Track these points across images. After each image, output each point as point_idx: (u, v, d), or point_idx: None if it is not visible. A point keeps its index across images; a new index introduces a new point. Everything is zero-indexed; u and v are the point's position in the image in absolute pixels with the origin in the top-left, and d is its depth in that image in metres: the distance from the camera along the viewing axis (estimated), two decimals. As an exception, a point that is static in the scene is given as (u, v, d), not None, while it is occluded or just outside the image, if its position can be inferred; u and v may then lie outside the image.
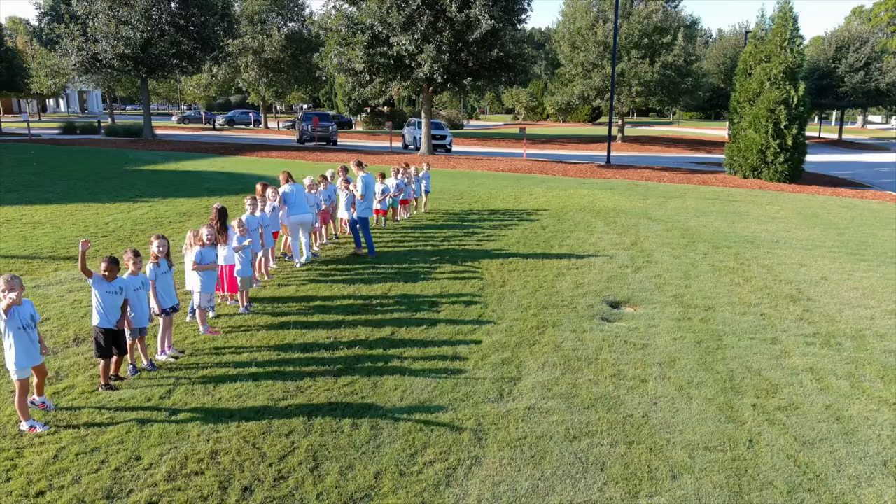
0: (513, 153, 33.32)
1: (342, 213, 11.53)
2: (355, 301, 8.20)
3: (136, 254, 5.70)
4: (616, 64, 33.79)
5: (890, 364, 6.64)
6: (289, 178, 9.88)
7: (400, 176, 13.79)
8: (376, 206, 12.79)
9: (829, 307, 8.53)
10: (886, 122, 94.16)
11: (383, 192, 12.94)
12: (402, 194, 13.82)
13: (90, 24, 26.74)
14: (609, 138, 29.65)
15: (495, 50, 24.10)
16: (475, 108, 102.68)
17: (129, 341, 5.73)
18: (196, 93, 65.54)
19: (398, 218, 13.90)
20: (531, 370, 6.21)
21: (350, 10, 25.20)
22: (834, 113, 53.90)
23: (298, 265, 9.75)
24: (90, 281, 5.38)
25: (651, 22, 36.98)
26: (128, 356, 5.78)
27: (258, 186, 9.46)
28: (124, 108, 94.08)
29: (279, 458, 4.57)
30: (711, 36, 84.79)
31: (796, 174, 23.20)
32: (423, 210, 15.01)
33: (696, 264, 10.59)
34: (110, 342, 5.53)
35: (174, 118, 63.12)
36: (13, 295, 4.56)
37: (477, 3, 22.76)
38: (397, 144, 35.57)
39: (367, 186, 10.60)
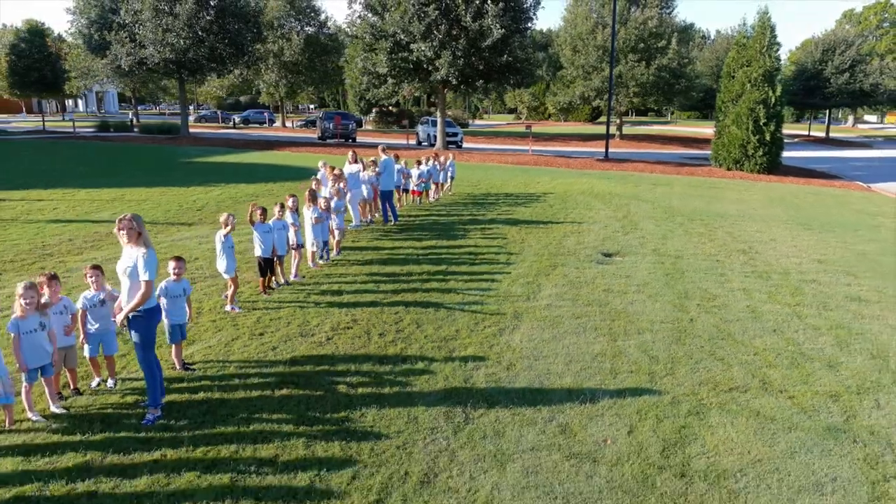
0: (518, 149, 36.09)
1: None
2: (414, 250, 10.98)
3: (264, 210, 8.36)
4: (614, 67, 36.51)
5: (801, 288, 9.41)
6: (356, 159, 12.72)
7: (431, 163, 16.58)
8: (413, 187, 15.64)
9: (770, 257, 11.32)
10: (881, 122, 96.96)
11: (419, 175, 15.74)
12: (433, 179, 16.61)
13: (138, 31, 29.57)
14: (607, 136, 32.43)
15: (505, 55, 26.88)
16: (478, 107, 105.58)
17: (276, 264, 8.53)
18: (213, 93, 68.31)
19: (431, 199, 16.68)
20: (547, 287, 9.00)
21: (373, 19, 27.97)
22: (828, 112, 56.60)
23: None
24: (253, 227, 8.12)
25: (647, 28, 39.72)
26: (278, 275, 8.59)
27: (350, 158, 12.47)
28: (139, 108, 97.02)
29: (395, 322, 7.36)
30: (709, 38, 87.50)
31: (774, 166, 25.97)
32: (448, 193, 17.78)
33: (673, 230, 13.38)
34: (266, 266, 8.32)
35: (191, 117, 65.96)
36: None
37: (489, 13, 25.54)
38: (412, 141, 38.34)
39: (386, 167, 13.37)
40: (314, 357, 6.36)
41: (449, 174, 17.66)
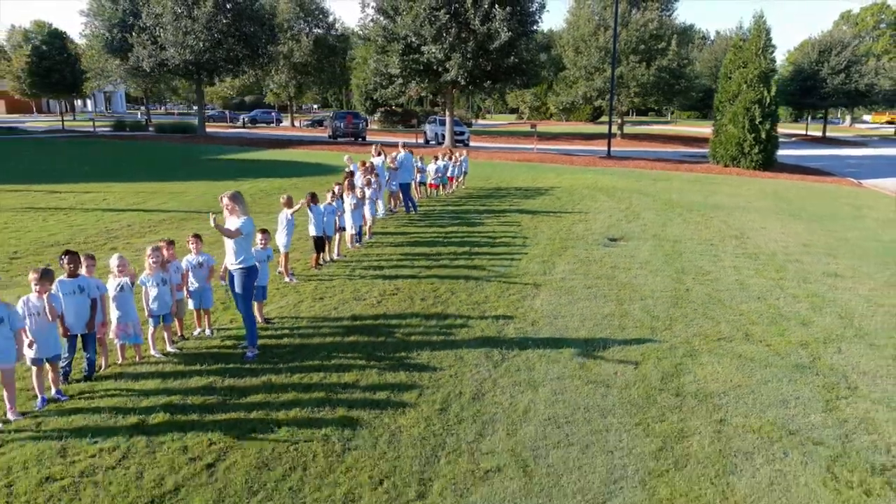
0: (523, 147, 37.29)
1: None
2: (439, 234, 12.20)
3: (314, 196, 9.58)
4: (616, 67, 37.72)
5: (785, 266, 10.62)
6: (380, 152, 13.95)
7: (446, 159, 17.81)
8: (430, 181, 16.88)
9: (759, 241, 12.53)
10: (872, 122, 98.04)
11: (436, 170, 16.96)
12: (448, 173, 17.83)
13: (159, 34, 30.82)
14: (609, 134, 33.64)
15: (512, 57, 28.10)
16: (480, 107, 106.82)
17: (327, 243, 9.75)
18: (221, 93, 69.55)
19: (446, 192, 17.89)
20: (560, 264, 10.21)
21: (385, 22, 29.20)
22: (832, 111, 58.01)
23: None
24: (310, 209, 9.34)
25: (647, 30, 40.91)
26: (324, 253, 9.82)
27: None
28: (139, 108, 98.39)
29: (432, 290, 8.58)
30: (709, 38, 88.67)
31: (769, 163, 27.16)
32: (462, 187, 19.00)
33: (672, 219, 14.60)
34: (318, 244, 9.55)
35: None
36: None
37: (497, 17, 26.76)
38: (420, 140, 39.56)
39: (403, 161, 14.55)
40: (370, 315, 7.58)
41: (462, 169, 18.88)
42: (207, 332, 6.83)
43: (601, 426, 5.14)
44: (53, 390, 5.31)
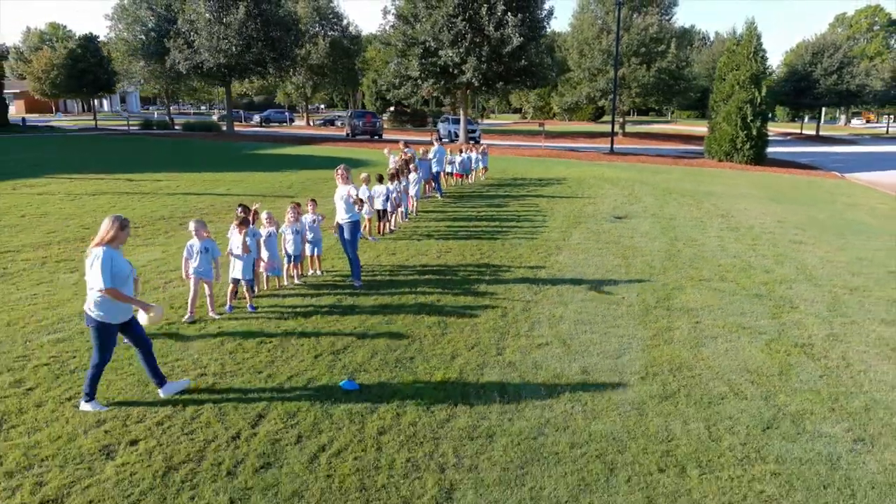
0: (531, 145, 39.63)
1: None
2: (472, 213, 14.52)
3: (381, 177, 11.92)
4: (618, 69, 40.04)
5: (760, 236, 12.94)
6: (406, 145, 16.24)
7: (469, 152, 20.14)
8: (456, 171, 19.22)
9: (742, 218, 14.86)
10: (877, 121, 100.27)
11: (461, 162, 19.30)
12: (472, 165, 20.15)
13: (194, 39, 33.22)
14: (612, 132, 35.98)
15: (522, 60, 30.45)
16: (485, 107, 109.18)
17: (391, 215, 12.09)
18: (235, 93, 71.86)
19: (470, 181, 20.22)
20: (576, 234, 12.54)
21: (404, 27, 31.54)
22: (836, 111, 60.37)
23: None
24: (370, 191, 11.67)
25: (648, 33, 43.27)
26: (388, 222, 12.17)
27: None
28: (148, 108, 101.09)
29: (476, 249, 10.91)
30: (709, 39, 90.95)
31: (760, 158, 29.49)
32: (482, 177, 21.33)
33: (669, 202, 16.93)
34: (383, 215, 11.89)
35: (215, 116, 69.76)
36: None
37: (509, 24, 29.10)
38: (434, 138, 41.88)
39: (436, 153, 16.87)
40: (434, 264, 9.93)
41: (482, 162, 21.21)
42: (318, 272, 9.17)
43: (614, 325, 7.47)
44: (249, 305, 7.57)
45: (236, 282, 7.52)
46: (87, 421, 4.90)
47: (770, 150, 31.38)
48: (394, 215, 12.70)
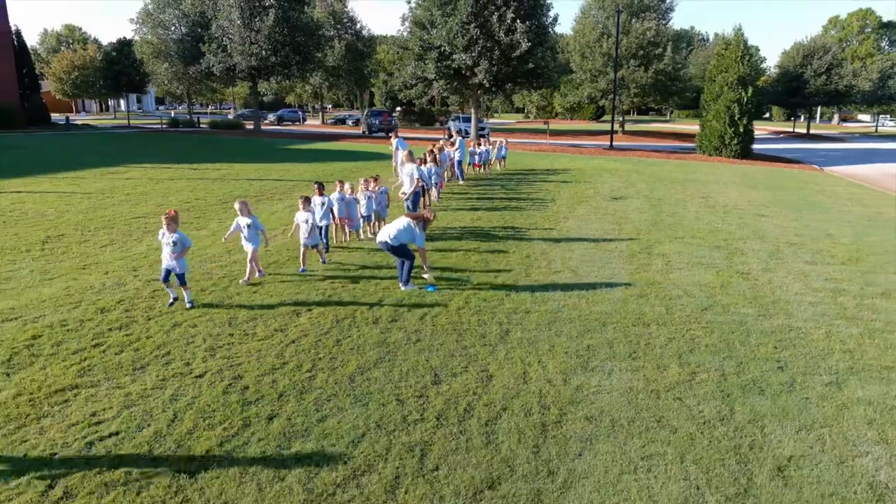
0: (535, 142, 42.45)
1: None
2: (492, 195, 17.34)
3: (423, 159, 14.73)
4: (618, 71, 42.85)
5: (731, 211, 15.73)
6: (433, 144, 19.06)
7: (488, 145, 23.00)
8: (476, 161, 22.05)
9: (718, 199, 17.67)
10: (873, 121, 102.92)
11: (480, 154, 22.14)
12: (489, 156, 22.98)
13: (226, 43, 36.13)
14: (612, 130, 38.80)
15: (530, 63, 33.27)
16: (489, 107, 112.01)
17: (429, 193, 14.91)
18: (242, 93, 74.88)
19: (487, 171, 23.05)
20: (579, 210, 15.36)
21: (422, 33, 34.37)
22: (810, 110, 62.98)
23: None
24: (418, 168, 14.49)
25: (646, 37, 46.08)
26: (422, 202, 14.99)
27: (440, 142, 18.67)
28: (158, 108, 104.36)
29: (501, 218, 13.74)
30: (708, 40, 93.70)
31: (746, 153, 32.27)
32: (499, 168, 24.16)
33: (658, 187, 19.74)
34: (421, 193, 14.71)
35: (230, 115, 72.70)
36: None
37: (518, 30, 31.92)
38: (445, 136, 44.71)
39: (460, 144, 19.69)
40: (469, 227, 12.76)
41: (501, 154, 24.07)
42: (371, 235, 11.98)
43: (608, 263, 10.28)
44: (322, 260, 10.34)
45: (305, 246, 10.19)
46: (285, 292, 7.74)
47: (761, 146, 34.18)
48: (431, 191, 15.51)
